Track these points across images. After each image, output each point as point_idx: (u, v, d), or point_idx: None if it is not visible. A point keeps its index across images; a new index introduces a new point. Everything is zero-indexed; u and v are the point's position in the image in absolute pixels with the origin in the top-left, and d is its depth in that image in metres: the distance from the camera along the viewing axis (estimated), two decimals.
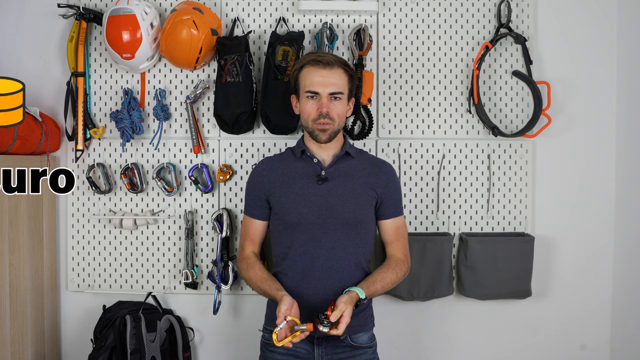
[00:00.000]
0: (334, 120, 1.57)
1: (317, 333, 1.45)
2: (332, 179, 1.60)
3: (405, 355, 2.03)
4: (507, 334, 2.05)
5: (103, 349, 1.82)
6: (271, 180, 1.63)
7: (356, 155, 1.67)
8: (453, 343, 2.05)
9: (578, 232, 2.03)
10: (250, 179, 1.70)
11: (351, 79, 1.62)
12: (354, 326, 1.55)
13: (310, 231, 1.56)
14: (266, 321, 1.66)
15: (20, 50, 2.02)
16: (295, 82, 1.64)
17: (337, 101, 1.58)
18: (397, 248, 1.64)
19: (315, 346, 1.56)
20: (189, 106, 1.94)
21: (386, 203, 1.64)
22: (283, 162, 1.67)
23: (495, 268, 1.89)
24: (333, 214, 1.56)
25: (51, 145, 1.94)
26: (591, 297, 2.04)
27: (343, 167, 1.63)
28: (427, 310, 2.03)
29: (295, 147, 1.68)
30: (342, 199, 1.57)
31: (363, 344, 1.59)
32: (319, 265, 1.54)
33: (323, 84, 1.56)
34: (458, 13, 2.00)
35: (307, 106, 1.59)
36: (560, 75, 2.00)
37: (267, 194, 1.63)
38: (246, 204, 1.70)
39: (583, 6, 2.02)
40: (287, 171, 1.64)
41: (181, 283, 2.00)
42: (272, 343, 1.56)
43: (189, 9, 1.83)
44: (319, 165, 1.62)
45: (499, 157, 2.00)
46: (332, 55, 1.59)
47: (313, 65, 1.57)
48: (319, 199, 1.57)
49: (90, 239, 2.02)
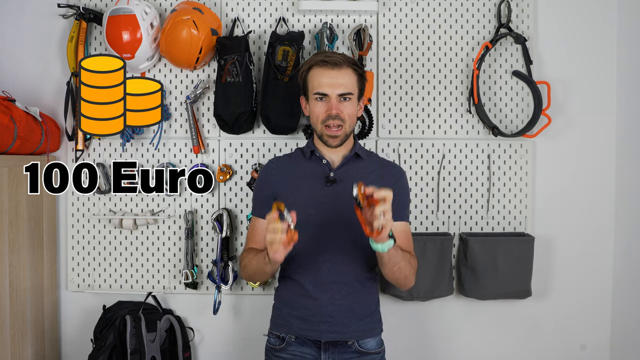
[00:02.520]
0: (344, 121, 1.52)
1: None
2: (340, 180, 1.56)
3: (405, 355, 2.03)
4: (507, 334, 2.05)
5: (103, 349, 1.82)
6: (279, 180, 1.60)
7: (366, 157, 1.63)
8: (453, 343, 2.05)
9: (578, 232, 2.03)
10: (259, 180, 1.66)
11: (360, 78, 1.57)
12: (362, 331, 1.53)
13: (317, 233, 1.52)
14: (272, 325, 1.62)
15: (20, 50, 2.02)
16: (304, 84, 1.59)
17: (347, 102, 1.53)
18: (406, 249, 1.57)
19: (322, 351, 1.52)
20: (189, 106, 1.94)
21: (393, 206, 1.56)
22: (292, 162, 1.64)
23: (495, 268, 1.89)
24: (340, 217, 1.52)
25: (51, 145, 1.94)
26: (591, 297, 2.04)
27: (352, 169, 1.59)
28: (427, 310, 2.03)
29: (305, 148, 1.64)
30: (350, 202, 1.54)
31: (371, 350, 1.54)
32: (326, 268, 1.51)
33: (332, 85, 1.51)
34: (458, 13, 2.00)
35: (316, 108, 1.54)
36: (560, 75, 2.00)
37: (275, 194, 1.59)
38: (255, 205, 1.65)
39: (583, 6, 2.02)
40: (295, 171, 1.60)
41: (181, 283, 2.00)
42: (277, 348, 1.55)
43: (189, 9, 1.83)
44: (327, 166, 1.58)
45: (499, 157, 2.01)
46: (341, 55, 1.55)
47: (321, 66, 1.53)
48: (327, 201, 1.53)
49: (90, 239, 2.02)
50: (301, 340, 1.54)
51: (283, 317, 1.57)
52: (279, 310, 1.60)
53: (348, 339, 1.52)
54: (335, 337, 1.51)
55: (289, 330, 1.55)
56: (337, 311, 1.50)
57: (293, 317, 1.54)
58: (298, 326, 1.53)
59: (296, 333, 1.54)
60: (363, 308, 1.55)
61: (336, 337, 1.51)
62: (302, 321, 1.53)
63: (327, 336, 1.51)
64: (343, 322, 1.51)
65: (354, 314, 1.53)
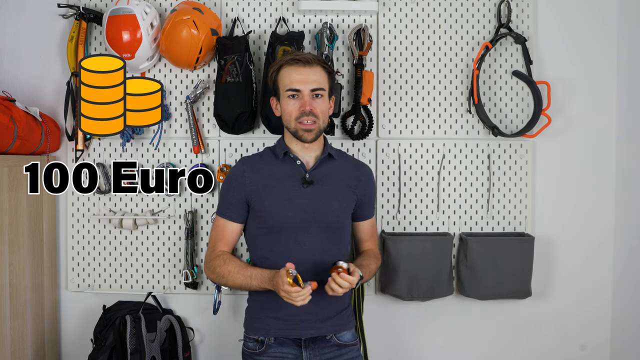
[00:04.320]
0: (318, 117, 1.54)
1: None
2: (316, 182, 1.58)
3: (406, 355, 2.03)
4: (507, 334, 2.05)
5: (103, 349, 1.82)
6: (253, 182, 1.58)
7: (337, 156, 1.66)
8: (453, 343, 2.05)
9: (578, 232, 2.03)
10: (228, 179, 1.63)
11: (330, 76, 1.60)
12: (339, 324, 1.58)
13: (295, 235, 1.54)
14: (248, 329, 1.61)
15: (20, 50, 2.02)
16: (275, 84, 1.61)
17: (319, 99, 1.56)
18: (373, 244, 1.74)
19: (303, 349, 1.56)
20: (189, 106, 1.94)
21: (365, 205, 1.69)
22: (264, 163, 1.63)
23: (495, 268, 1.89)
24: (318, 217, 1.55)
25: (51, 145, 1.94)
26: (591, 296, 2.04)
27: (326, 170, 1.61)
28: (427, 310, 2.03)
29: (276, 148, 1.64)
30: (327, 202, 1.57)
31: (348, 342, 1.60)
32: (303, 269, 1.48)
33: (304, 81, 1.53)
34: (458, 13, 2.00)
35: (289, 106, 1.56)
36: (560, 75, 2.00)
37: (247, 196, 1.58)
38: (221, 204, 1.63)
39: (583, 6, 2.02)
40: (269, 173, 1.59)
41: (181, 283, 2.00)
42: (257, 352, 1.56)
43: (189, 9, 1.83)
44: (302, 167, 1.59)
45: (499, 157, 2.00)
46: (311, 54, 1.59)
47: (292, 65, 1.55)
48: (305, 202, 1.55)
49: (90, 239, 2.02)
50: (280, 340, 1.56)
51: (261, 320, 1.58)
52: (256, 313, 1.61)
53: (326, 334, 1.56)
54: (315, 334, 1.55)
55: (268, 333, 1.56)
56: (316, 308, 1.51)
57: (271, 318, 1.56)
58: (277, 327, 1.55)
59: (276, 334, 1.56)
60: (339, 303, 1.59)
61: (315, 333, 1.55)
62: (281, 322, 1.55)
63: (307, 333, 1.55)
64: (321, 318, 1.55)
65: (332, 309, 1.57)
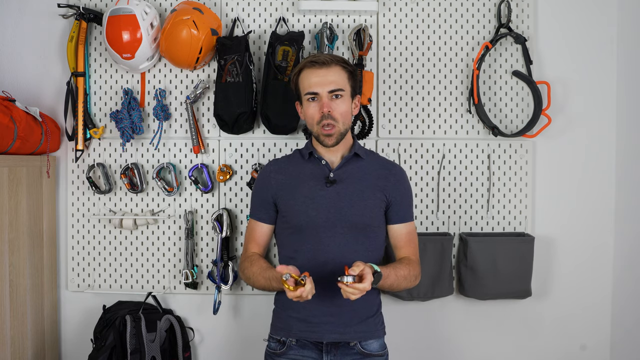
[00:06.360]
0: (337, 120, 1.51)
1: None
2: (340, 181, 1.55)
3: (406, 355, 2.03)
4: (507, 334, 2.05)
5: (103, 349, 1.82)
6: (279, 183, 1.59)
7: (365, 156, 1.62)
8: (453, 343, 2.05)
9: (578, 232, 2.03)
10: (257, 181, 1.66)
11: (352, 75, 1.57)
12: (365, 332, 1.53)
13: (318, 234, 1.51)
14: (272, 329, 1.61)
15: (20, 50, 2.02)
16: (296, 88, 1.59)
17: (339, 99, 1.52)
18: (409, 252, 1.59)
19: (324, 354, 1.52)
20: (189, 106, 1.94)
21: (395, 207, 1.59)
22: (291, 164, 1.63)
23: (495, 268, 1.89)
24: (341, 217, 1.51)
25: (51, 145, 1.94)
26: (591, 296, 2.04)
27: (352, 169, 1.58)
28: (427, 310, 2.03)
29: (303, 149, 1.64)
30: (351, 202, 1.53)
31: (374, 352, 1.54)
32: (328, 270, 1.48)
33: (321, 83, 1.51)
34: (458, 13, 2.00)
35: (310, 109, 1.54)
36: (560, 75, 2.00)
37: (274, 197, 1.59)
38: (252, 207, 1.65)
39: (583, 6, 2.02)
40: (295, 173, 1.60)
41: (181, 283, 2.00)
42: (277, 352, 1.55)
43: (189, 9, 1.82)
44: (327, 167, 1.57)
45: (499, 157, 2.00)
46: (329, 55, 1.56)
47: (310, 67, 1.53)
48: (328, 202, 1.53)
49: (90, 239, 2.02)
50: (302, 343, 1.54)
51: (283, 320, 1.57)
52: (279, 313, 1.60)
53: (350, 340, 1.52)
54: (337, 338, 1.51)
55: (289, 334, 1.54)
56: (339, 311, 1.50)
57: (293, 319, 1.54)
58: (299, 328, 1.53)
59: (297, 336, 1.53)
60: (365, 309, 1.54)
61: (338, 337, 1.51)
62: (302, 323, 1.53)
63: (329, 337, 1.51)
64: (345, 322, 1.51)
65: (356, 314, 1.53)
